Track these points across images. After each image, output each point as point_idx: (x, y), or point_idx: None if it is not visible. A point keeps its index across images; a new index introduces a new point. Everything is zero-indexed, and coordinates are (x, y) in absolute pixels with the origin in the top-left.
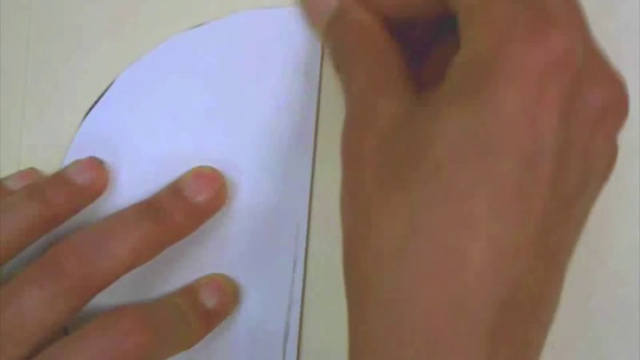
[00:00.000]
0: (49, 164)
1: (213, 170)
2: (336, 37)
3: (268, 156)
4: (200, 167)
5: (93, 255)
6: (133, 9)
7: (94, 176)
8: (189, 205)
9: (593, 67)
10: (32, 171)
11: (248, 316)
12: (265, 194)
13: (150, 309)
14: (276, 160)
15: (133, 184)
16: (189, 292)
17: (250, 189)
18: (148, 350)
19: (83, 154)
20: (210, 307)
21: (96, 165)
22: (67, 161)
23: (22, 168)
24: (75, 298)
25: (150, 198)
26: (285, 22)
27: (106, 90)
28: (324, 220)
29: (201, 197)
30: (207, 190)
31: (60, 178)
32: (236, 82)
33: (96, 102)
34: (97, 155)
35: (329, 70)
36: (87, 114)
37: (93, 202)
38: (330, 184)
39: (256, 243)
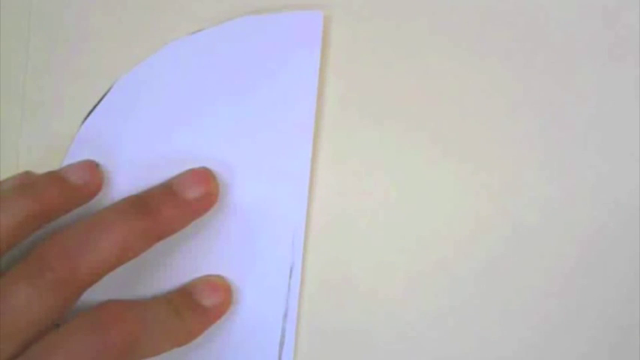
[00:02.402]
0: (46, 167)
1: (205, 169)
2: None
3: (266, 162)
4: (193, 168)
5: (78, 248)
6: (132, 13)
7: (88, 177)
8: (178, 200)
9: None
10: (28, 174)
11: (243, 323)
12: (262, 201)
13: (138, 302)
14: (273, 166)
15: (130, 188)
16: (184, 289)
17: (247, 195)
18: (135, 340)
19: (81, 158)
20: (205, 304)
21: (91, 166)
22: (65, 164)
23: (19, 171)
24: (63, 292)
25: (140, 192)
26: (282, 28)
27: (105, 94)
28: (321, 228)
29: (191, 193)
30: (198, 187)
31: (53, 175)
32: (234, 88)
33: (95, 106)
34: (95, 159)
35: (327, 75)
36: (86, 118)
37: (88, 204)
38: (328, 190)
39: (252, 250)
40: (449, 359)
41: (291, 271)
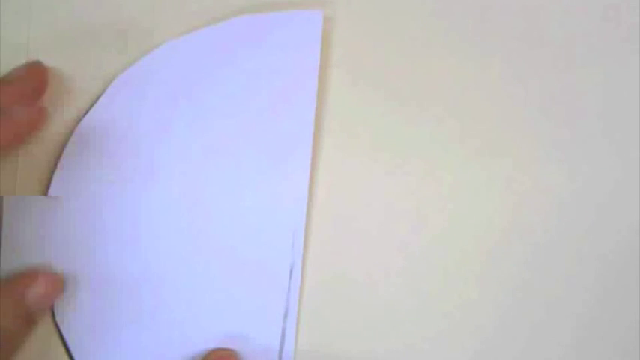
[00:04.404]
0: (45, 167)
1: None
2: None
3: (266, 162)
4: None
5: None
6: (130, 12)
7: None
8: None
9: None
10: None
11: (244, 323)
12: (262, 201)
13: None
14: (273, 166)
15: (129, 187)
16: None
17: (247, 196)
18: None
19: (78, 157)
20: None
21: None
22: (63, 163)
23: (19, 170)
24: None
25: None
26: (282, 27)
27: (102, 93)
28: (321, 228)
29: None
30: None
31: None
32: (233, 87)
33: (92, 105)
34: (92, 158)
35: (327, 74)
36: (83, 116)
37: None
38: (328, 190)
39: (252, 250)
40: (448, 359)
41: (291, 271)
